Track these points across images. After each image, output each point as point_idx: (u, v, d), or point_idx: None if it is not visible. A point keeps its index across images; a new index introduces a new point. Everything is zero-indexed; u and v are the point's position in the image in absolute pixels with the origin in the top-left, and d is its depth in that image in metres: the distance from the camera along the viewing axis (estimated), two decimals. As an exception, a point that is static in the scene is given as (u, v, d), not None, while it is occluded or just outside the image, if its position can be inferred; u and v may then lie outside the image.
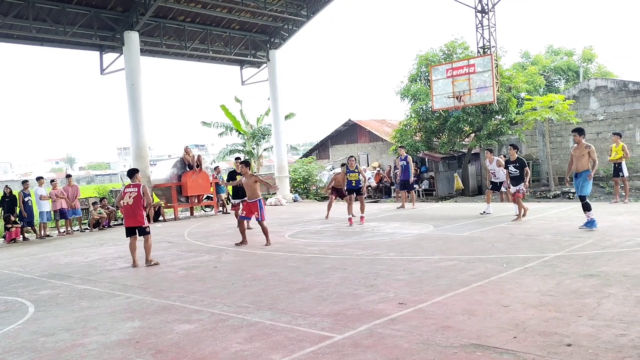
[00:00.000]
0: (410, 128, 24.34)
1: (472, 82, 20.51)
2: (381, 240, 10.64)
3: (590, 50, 33.78)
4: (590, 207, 10.17)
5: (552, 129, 21.29)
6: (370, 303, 5.99)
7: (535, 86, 26.55)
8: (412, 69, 24.67)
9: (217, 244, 11.75)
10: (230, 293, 6.98)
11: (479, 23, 22.36)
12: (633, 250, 7.89)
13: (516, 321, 5.00)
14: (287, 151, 27.76)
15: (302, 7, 23.32)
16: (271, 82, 25.10)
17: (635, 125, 19.32)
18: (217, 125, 30.85)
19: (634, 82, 19.76)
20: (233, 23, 23.35)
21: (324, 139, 33.82)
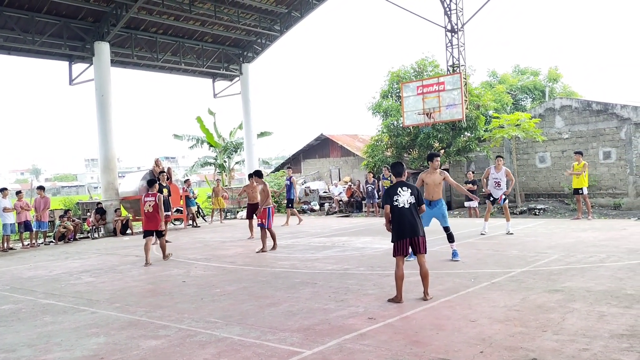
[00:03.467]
0: (381, 143, 24.57)
1: (442, 99, 20.88)
2: (352, 255, 10.67)
3: (556, 70, 34.78)
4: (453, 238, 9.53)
5: (518, 146, 21.78)
6: (340, 318, 5.99)
7: (502, 104, 27.19)
8: (383, 85, 24.99)
9: (186, 258, 11.61)
10: (198, 308, 6.89)
11: (449, 42, 22.84)
12: (596, 266, 8.10)
13: (483, 336, 5.07)
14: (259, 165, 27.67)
15: (275, 22, 23.46)
16: (244, 96, 25.11)
17: (599, 144, 19.92)
18: (188, 138, 30.64)
19: (597, 102, 20.39)
20: (206, 36, 23.33)
21: (296, 153, 33.87)
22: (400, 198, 6.62)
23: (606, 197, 19.62)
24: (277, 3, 22.50)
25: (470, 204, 18.60)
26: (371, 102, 24.89)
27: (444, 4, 22.75)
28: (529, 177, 21.87)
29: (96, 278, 9.71)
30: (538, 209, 19.22)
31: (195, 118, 28.63)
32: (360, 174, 27.34)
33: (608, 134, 19.74)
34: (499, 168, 12.81)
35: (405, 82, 22.88)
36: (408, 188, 6.70)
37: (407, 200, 6.62)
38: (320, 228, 16.71)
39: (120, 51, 21.29)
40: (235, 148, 30.01)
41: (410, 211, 6.61)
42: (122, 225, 18.91)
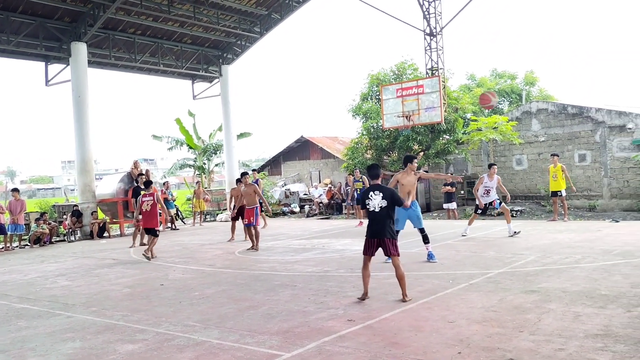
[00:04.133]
0: (361, 146, 24.65)
1: (421, 102, 21.04)
2: (331, 257, 10.68)
3: (532, 74, 35.31)
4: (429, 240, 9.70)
5: (496, 149, 22.05)
6: (320, 320, 5.99)
7: (480, 107, 27.50)
8: (363, 87, 25.07)
9: (165, 261, 11.49)
10: (176, 312, 6.83)
11: (428, 45, 23.04)
12: (572, 267, 8.23)
13: (461, 337, 5.11)
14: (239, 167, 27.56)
15: (255, 24, 23.40)
16: (223, 97, 24.99)
17: (574, 146, 20.26)
18: (167, 140, 30.36)
19: (573, 106, 20.75)
20: (185, 37, 23.17)
21: (276, 155, 33.78)
22: (371, 202, 6.80)
23: (581, 199, 19.96)
24: (257, 5, 22.45)
25: (449, 205, 18.76)
26: (351, 105, 24.98)
27: (422, 8, 22.95)
28: (506, 179, 22.14)
29: (72, 282, 9.56)
30: (515, 211, 19.47)
31: (174, 120, 28.39)
32: (340, 176, 27.39)
33: (583, 137, 20.10)
34: (492, 176, 12.67)
35: (384, 84, 23.01)
36: (380, 192, 6.82)
37: (377, 204, 6.76)
38: (300, 230, 16.70)
39: (97, 52, 21.03)
40: (214, 150, 29.82)
41: (381, 215, 6.74)
42: (99, 228, 18.66)
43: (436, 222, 17.99)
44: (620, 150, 18.99)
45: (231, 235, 14.78)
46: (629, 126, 18.79)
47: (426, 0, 22.91)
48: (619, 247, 9.89)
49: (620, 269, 7.85)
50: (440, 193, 20.84)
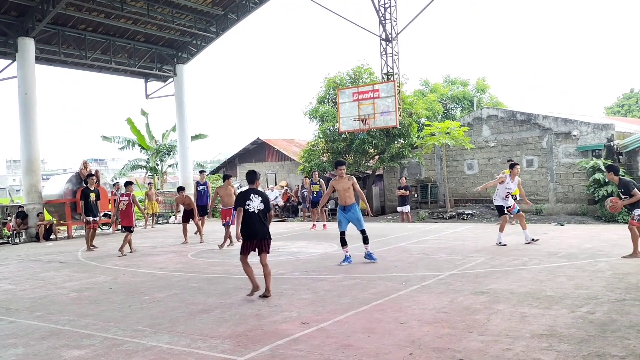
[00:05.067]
0: (317, 148, 24.71)
1: (377, 106, 21.28)
2: (287, 260, 10.65)
3: (483, 81, 36.27)
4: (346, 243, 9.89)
5: (448, 153, 22.53)
6: (273, 323, 5.95)
7: (434, 113, 28.08)
8: (320, 91, 25.15)
9: (114, 264, 11.19)
10: (125, 316, 6.65)
11: (384, 50, 23.33)
12: (519, 269, 8.49)
13: (412, 338, 5.18)
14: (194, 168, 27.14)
15: (211, 24, 23.14)
16: (177, 97, 24.58)
17: (522, 152, 20.92)
18: (118, 140, 29.62)
19: (521, 113, 21.43)
20: (138, 35, 22.67)
21: (231, 156, 33.47)
22: (252, 203, 7.29)
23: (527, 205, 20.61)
24: (213, 4, 22.21)
25: (403, 208, 19.04)
26: (308, 107, 25.01)
27: (379, 14, 23.23)
28: (457, 183, 22.66)
29: (16, 286, 9.18)
30: (466, 214, 19.95)
31: (125, 119, 27.73)
32: (296, 179, 27.38)
33: (531, 142, 20.78)
34: (514, 177, 11.35)
35: (341, 88, 23.15)
36: (259, 195, 7.40)
37: (257, 206, 7.31)
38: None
39: (46, 48, 20.32)
40: (168, 151, 29.31)
41: (259, 216, 7.31)
42: (46, 230, 18.01)
43: (390, 225, 18.23)
44: (565, 157, 19.72)
45: (184, 238, 14.54)
46: (574, 133, 19.55)
47: (382, 6, 23.21)
48: (563, 249, 10.27)
49: (565, 271, 8.15)
50: (395, 196, 21.12)
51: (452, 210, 20.81)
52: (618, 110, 51.29)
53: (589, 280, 7.40)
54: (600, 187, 17.61)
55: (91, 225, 14.14)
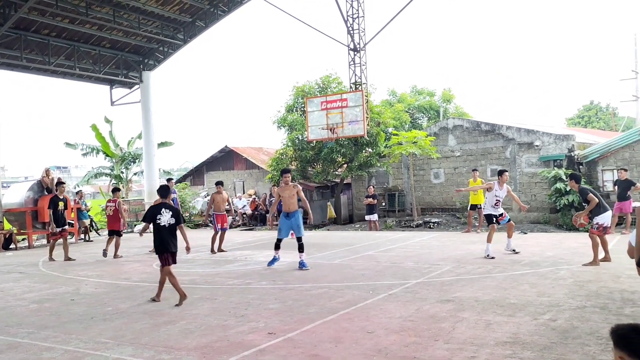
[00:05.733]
0: (286, 157, 24.68)
1: (345, 115, 21.40)
2: (254, 269, 10.57)
3: (449, 92, 36.91)
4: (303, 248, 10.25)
5: (415, 162, 22.80)
6: (240, 334, 5.89)
7: (401, 122, 28.40)
8: (288, 99, 25.17)
9: (76, 275, 10.90)
10: (88, 328, 6.48)
11: (352, 60, 23.54)
12: (483, 277, 8.62)
13: (379, 347, 5.20)
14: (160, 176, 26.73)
15: (178, 31, 22.93)
16: (144, 104, 24.21)
17: (487, 161, 21.33)
18: (82, 147, 28.97)
19: (486, 123, 21.87)
20: (103, 41, 22.29)
21: (199, 164, 33.13)
22: (162, 217, 7.63)
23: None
24: (181, 12, 22.02)
25: (370, 217, 19.14)
26: (276, 116, 24.99)
27: (347, 24, 23.44)
28: (424, 192, 22.93)
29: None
30: (432, 223, 20.19)
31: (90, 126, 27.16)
32: (265, 187, 27.26)
33: (495, 152, 21.21)
34: (503, 185, 11.05)
35: (309, 97, 23.22)
36: (170, 210, 7.74)
37: (167, 220, 7.65)
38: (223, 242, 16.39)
39: (7, 53, 19.77)
40: (133, 158, 28.79)
41: (169, 230, 7.67)
42: (5, 239, 17.44)
43: (358, 234, 18.31)
44: (528, 166, 20.19)
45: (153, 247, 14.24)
46: (536, 143, 20.04)
47: (350, 16, 23.43)
48: (526, 257, 10.48)
49: (528, 279, 8.32)
50: (363, 205, 21.23)
51: (419, 219, 21.04)
52: (579, 122, 52.86)
53: (551, 288, 7.57)
54: (561, 196, 18.07)
55: (58, 236, 13.67)
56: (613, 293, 7.09)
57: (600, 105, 55.04)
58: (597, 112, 54.18)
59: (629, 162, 17.93)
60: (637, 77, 35.12)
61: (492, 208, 11.04)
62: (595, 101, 55.90)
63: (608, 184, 18.38)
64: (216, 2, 22.04)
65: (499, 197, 11.00)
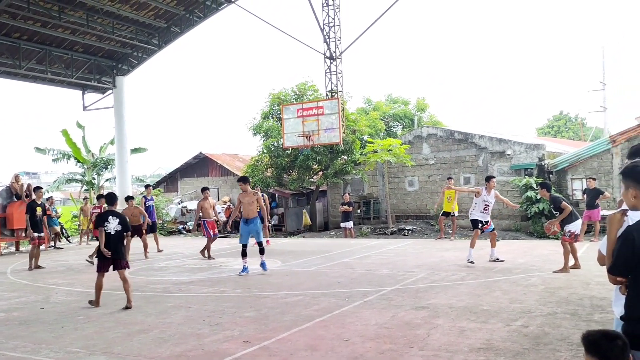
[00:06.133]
0: (261, 164, 24.64)
1: (321, 123, 21.48)
2: (229, 277, 10.50)
3: (423, 100, 37.36)
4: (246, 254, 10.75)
5: (390, 170, 22.98)
6: (215, 342, 5.84)
7: (376, 130, 28.62)
8: (264, 106, 25.16)
9: (46, 283, 10.67)
10: (58, 337, 6.35)
11: (328, 68, 23.67)
12: (457, 284, 8.72)
13: (355, 354, 5.21)
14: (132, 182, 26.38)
15: (153, 36, 22.75)
16: (117, 110, 23.91)
17: (460, 169, 21.64)
18: (53, 152, 28.39)
19: (459, 132, 22.21)
20: (76, 45, 21.98)
21: (172, 171, 32.79)
22: (110, 225, 7.84)
23: (466, 219, 21.27)
24: (156, 17, 21.86)
25: (346, 224, 19.19)
26: (252, 122, 24.94)
27: (323, 32, 23.58)
28: (399, 200, 23.12)
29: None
30: (407, 230, 20.35)
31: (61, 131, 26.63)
32: (239, 194, 27.10)
33: (468, 161, 21.53)
34: (490, 190, 11.12)
35: (286, 104, 23.24)
36: (117, 217, 7.93)
37: (114, 227, 7.86)
38: (196, 249, 16.24)
39: (-25, 55, 19.36)
40: (105, 164, 28.31)
41: (116, 237, 7.86)
42: (-29, 247, 16.96)
43: (334, 241, 18.34)
44: (500, 174, 20.52)
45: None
46: (508, 152, 20.41)
47: (327, 25, 23.58)
48: (498, 264, 10.63)
49: (500, 285, 8.45)
50: (338, 212, 21.29)
51: (393, 226, 21.18)
52: (548, 131, 54.02)
53: (523, 295, 7.70)
54: (532, 204, 18.41)
55: (37, 242, 13.31)
56: (583, 300, 7.24)
57: (570, 116, 56.38)
58: (567, 122, 55.46)
59: (597, 171, 18.39)
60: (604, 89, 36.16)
61: (481, 214, 11.10)
62: (565, 111, 57.27)
63: (577, 193, 18.82)
64: (192, 8, 21.96)
65: (488, 202, 11.09)
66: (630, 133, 18.07)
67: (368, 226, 22.46)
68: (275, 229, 25.08)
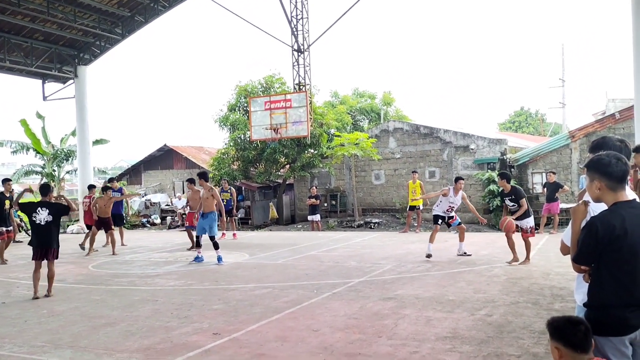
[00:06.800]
0: (228, 157, 24.45)
1: (289, 116, 21.45)
2: (196, 270, 10.43)
3: (389, 94, 37.68)
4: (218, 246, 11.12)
5: (357, 164, 23.15)
6: (183, 335, 5.81)
7: (343, 124, 28.74)
8: (231, 98, 24.95)
9: (7, 277, 10.38)
10: (22, 331, 6.20)
11: (296, 61, 23.62)
12: (423, 275, 8.89)
13: (325, 344, 5.28)
14: (94, 175, 25.77)
15: (116, 25, 22.22)
16: (78, 100, 23.28)
17: (425, 163, 21.97)
18: (10, 144, 27.52)
19: (425, 126, 22.52)
20: (36, 33, 21.28)
21: (136, 163, 32.27)
22: (38, 216, 7.94)
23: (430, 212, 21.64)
24: (119, 5, 21.34)
25: (313, 217, 19.26)
26: (218, 115, 24.71)
27: (291, 25, 23.50)
28: (365, 193, 23.32)
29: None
30: (373, 223, 20.56)
31: (19, 121, 25.82)
32: (204, 187, 26.83)
33: (433, 155, 21.87)
34: (458, 192, 11.03)
35: (253, 97, 23.10)
36: (47, 208, 7.99)
37: (44, 218, 7.95)
38: (161, 242, 16.07)
39: None
40: (66, 156, 27.60)
41: (46, 227, 7.99)
42: None
43: (301, 234, 18.39)
44: (464, 168, 20.93)
45: (89, 247, 13.74)
46: (471, 147, 20.82)
47: (295, 17, 23.51)
48: (462, 256, 10.86)
49: (465, 276, 8.65)
50: (305, 205, 21.34)
51: (360, 219, 21.36)
52: (510, 126, 55.29)
53: (487, 285, 7.91)
54: (494, 198, 18.84)
55: (5, 236, 12.81)
56: (544, 289, 7.49)
57: (530, 112, 57.83)
58: (527, 118, 56.86)
59: (557, 165, 18.95)
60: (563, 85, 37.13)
61: (444, 212, 11.11)
62: (526, 107, 58.72)
63: (537, 186, 19.36)
64: (157, -3, 21.53)
65: (453, 204, 11.05)
66: (588, 129, 18.68)
67: (335, 219, 22.59)
68: (242, 222, 24.97)
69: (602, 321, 2.86)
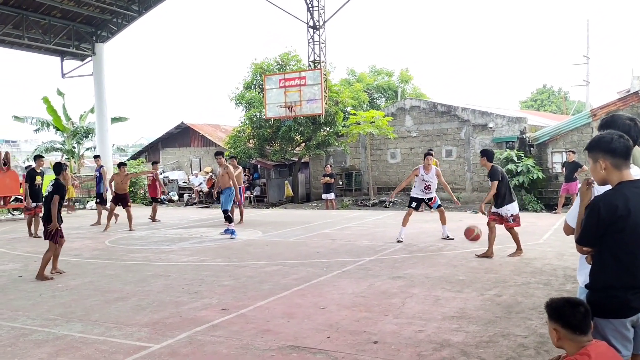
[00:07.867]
0: (243, 135, 24.49)
1: (303, 94, 21.34)
2: (209, 246, 10.53)
3: (407, 72, 37.21)
4: (231, 219, 11.85)
5: (373, 142, 23.01)
6: (192, 310, 5.89)
7: (359, 102, 28.48)
8: (247, 76, 24.88)
9: (25, 251, 10.61)
10: (36, 305, 6.34)
11: (311, 38, 23.40)
12: (435, 255, 8.86)
13: (331, 322, 5.30)
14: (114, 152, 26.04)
15: (133, 2, 22.20)
16: (96, 77, 23.42)
17: (442, 142, 21.75)
18: (32, 121, 27.88)
19: (442, 104, 22.23)
20: (54, 10, 21.36)
21: (154, 141, 32.50)
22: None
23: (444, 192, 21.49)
24: (136, -18, 21.32)
25: (327, 196, 19.27)
26: (234, 93, 24.69)
27: (306, 1, 23.22)
28: (381, 172, 23.21)
29: None
30: (388, 202, 20.50)
31: (41, 98, 26.10)
32: (221, 165, 26.96)
33: (450, 133, 21.62)
34: (428, 168, 10.38)
35: (268, 74, 23.00)
36: (51, 187, 8.17)
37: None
38: (177, 219, 16.26)
39: (-53, 18, 18.74)
40: (86, 133, 27.88)
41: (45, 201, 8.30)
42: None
43: (315, 212, 18.43)
44: (482, 147, 20.66)
45: (107, 223, 13.94)
46: (490, 125, 20.53)
47: (310, -7, 23.22)
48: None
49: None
50: (320, 184, 21.35)
51: (375, 198, 21.31)
52: (532, 104, 54.33)
53: (499, 265, 7.85)
54: (512, 177, 18.61)
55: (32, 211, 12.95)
56: (557, 270, 7.41)
57: (553, 89, 56.70)
58: (550, 96, 55.79)
59: (577, 144, 18.59)
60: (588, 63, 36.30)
61: (422, 192, 10.50)
62: (548, 85, 57.57)
63: (557, 166, 19.05)
64: (173, -26, 21.40)
65: (427, 182, 10.37)
66: (611, 107, 18.25)
67: (350, 198, 22.58)
68: (257, 200, 25.10)
69: (603, 303, 2.81)
